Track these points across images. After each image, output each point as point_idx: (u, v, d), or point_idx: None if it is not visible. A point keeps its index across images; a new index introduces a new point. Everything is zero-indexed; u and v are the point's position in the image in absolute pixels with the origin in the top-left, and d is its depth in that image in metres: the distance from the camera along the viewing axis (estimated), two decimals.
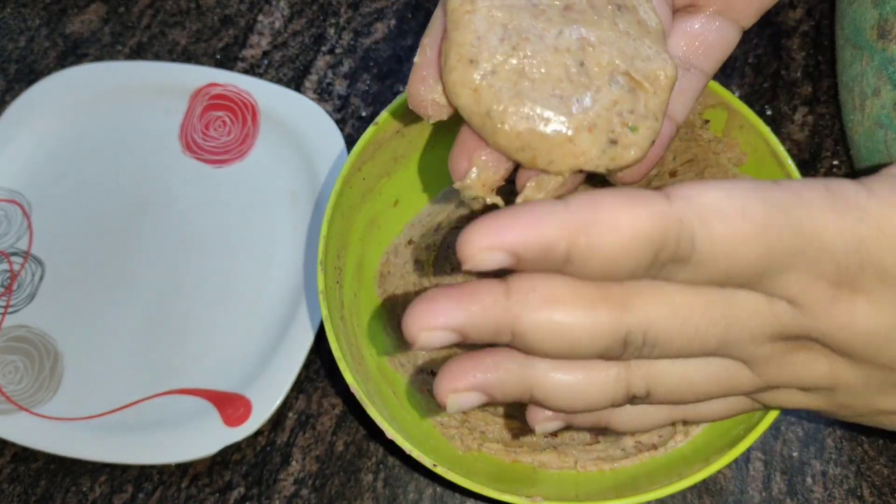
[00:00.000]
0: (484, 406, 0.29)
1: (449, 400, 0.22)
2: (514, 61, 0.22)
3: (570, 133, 0.22)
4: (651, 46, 0.24)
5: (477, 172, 0.24)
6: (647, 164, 0.26)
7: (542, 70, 0.23)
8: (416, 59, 0.24)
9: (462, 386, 0.22)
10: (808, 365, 0.23)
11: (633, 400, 0.23)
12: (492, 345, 0.22)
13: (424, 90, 0.24)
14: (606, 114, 0.23)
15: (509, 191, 0.25)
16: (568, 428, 0.35)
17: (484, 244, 0.19)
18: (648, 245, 0.19)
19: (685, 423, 0.27)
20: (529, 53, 0.23)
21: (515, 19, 0.23)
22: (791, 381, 0.23)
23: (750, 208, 0.19)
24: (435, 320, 0.20)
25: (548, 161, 0.23)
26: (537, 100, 0.22)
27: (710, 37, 0.26)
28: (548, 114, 0.22)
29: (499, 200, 0.26)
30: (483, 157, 0.24)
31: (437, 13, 0.24)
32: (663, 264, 0.20)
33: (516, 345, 0.21)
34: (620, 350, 0.21)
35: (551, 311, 0.20)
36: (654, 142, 0.23)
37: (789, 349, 0.22)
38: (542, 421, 0.24)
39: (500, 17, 0.23)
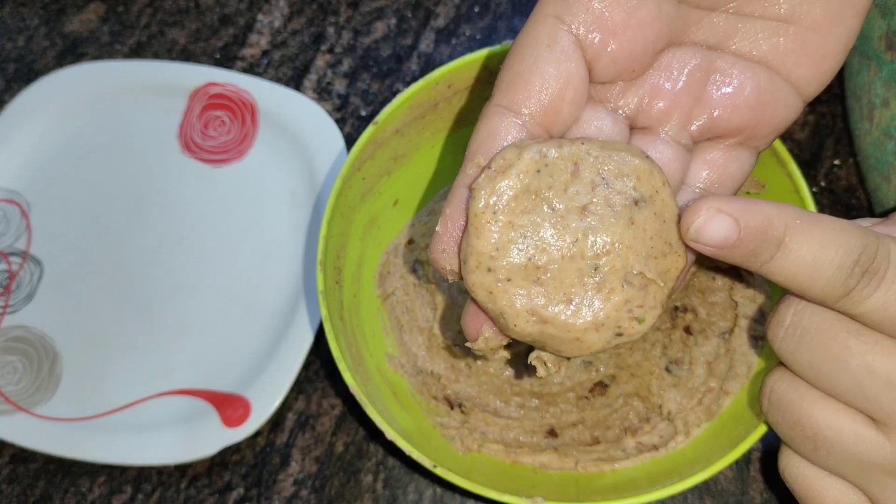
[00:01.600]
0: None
1: (702, 213, 0.24)
2: (530, 271, 0.24)
3: (577, 335, 0.24)
4: (667, 240, 0.25)
5: (485, 341, 0.26)
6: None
7: (557, 277, 0.24)
8: (438, 228, 0.25)
9: (723, 209, 0.24)
10: None
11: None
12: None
13: (444, 260, 0.25)
14: (616, 313, 0.24)
15: None
16: (572, 426, 0.35)
17: (713, 212, 0.23)
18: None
19: None
20: (545, 262, 0.24)
21: (534, 229, 0.24)
22: None
23: None
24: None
25: (555, 350, 0.25)
26: (549, 307, 0.24)
27: (732, 168, 0.27)
28: (559, 320, 0.24)
29: (506, 355, 0.31)
30: (489, 332, 0.26)
31: (461, 182, 0.25)
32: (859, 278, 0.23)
33: (777, 258, 0.24)
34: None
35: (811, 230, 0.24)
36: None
37: None
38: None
39: (520, 228, 0.24)
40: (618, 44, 0.24)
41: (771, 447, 0.38)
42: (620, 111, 0.26)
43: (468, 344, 0.27)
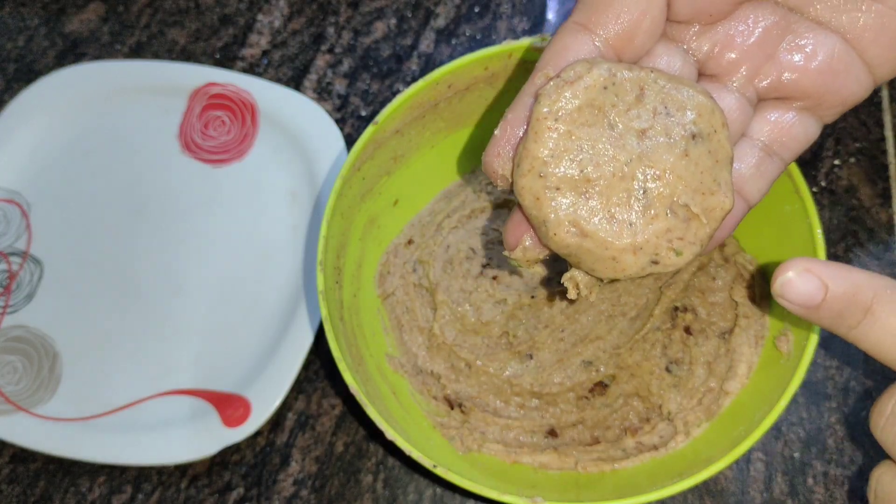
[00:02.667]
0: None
1: (791, 273, 0.25)
2: (579, 183, 0.24)
3: (614, 254, 0.25)
4: (716, 179, 0.25)
5: (524, 250, 0.27)
6: (713, 244, 0.27)
7: (605, 193, 0.24)
8: (496, 132, 0.25)
9: (813, 269, 0.25)
10: None
11: None
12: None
13: (497, 164, 0.25)
14: (656, 240, 0.25)
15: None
16: (572, 426, 0.35)
17: (801, 271, 0.23)
18: None
19: None
20: (595, 177, 0.24)
21: (592, 143, 0.24)
22: None
23: None
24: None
25: (590, 268, 0.25)
26: (591, 220, 0.24)
27: (795, 130, 0.27)
28: (599, 235, 0.24)
29: (540, 270, 0.30)
30: (529, 242, 0.26)
31: (527, 90, 0.25)
32: None
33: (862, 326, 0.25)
34: None
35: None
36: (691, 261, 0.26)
37: None
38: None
39: (577, 140, 0.24)
40: None
41: (772, 448, 0.38)
42: (692, 53, 0.26)
43: (506, 253, 0.27)
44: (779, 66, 0.26)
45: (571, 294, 0.27)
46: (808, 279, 0.24)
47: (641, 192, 0.24)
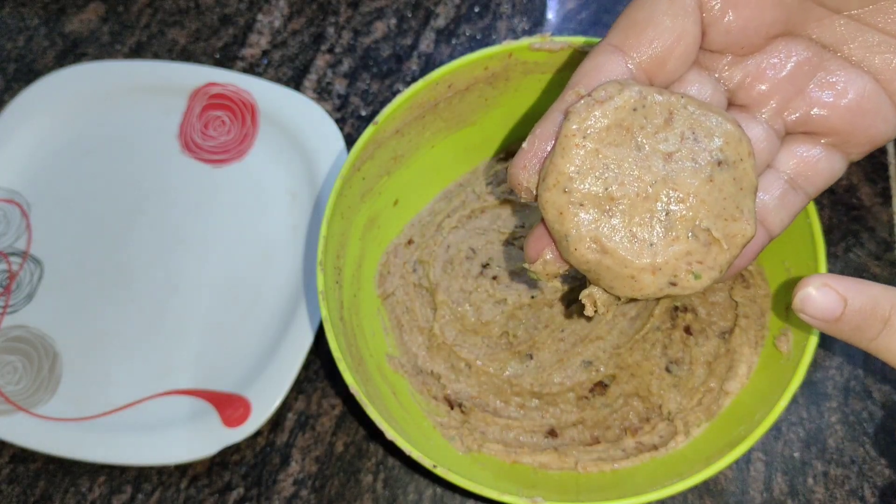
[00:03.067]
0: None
1: (811, 288, 0.25)
2: (603, 201, 0.25)
3: (633, 273, 0.25)
4: (739, 206, 0.25)
5: (544, 264, 0.27)
6: (732, 272, 0.27)
7: (628, 212, 0.25)
8: (524, 145, 0.26)
9: (831, 284, 0.25)
10: None
11: None
12: None
13: (523, 176, 0.26)
14: (675, 262, 0.25)
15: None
16: (572, 426, 0.35)
17: (824, 280, 0.24)
18: None
19: None
20: (619, 195, 0.25)
21: (618, 162, 0.25)
22: None
23: None
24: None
25: (608, 286, 0.26)
26: (613, 238, 0.25)
27: (821, 166, 0.27)
28: (619, 253, 0.25)
29: (557, 285, 0.31)
30: (550, 256, 0.27)
31: (557, 106, 0.25)
32: None
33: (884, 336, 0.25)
34: None
35: None
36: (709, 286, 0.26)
37: None
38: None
39: (604, 158, 0.25)
40: (736, 15, 0.25)
41: (772, 447, 0.38)
42: (723, 82, 0.26)
43: (525, 265, 0.28)
44: (808, 101, 0.26)
45: (589, 311, 0.27)
46: (827, 294, 0.24)
47: (664, 213, 0.25)
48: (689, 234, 0.25)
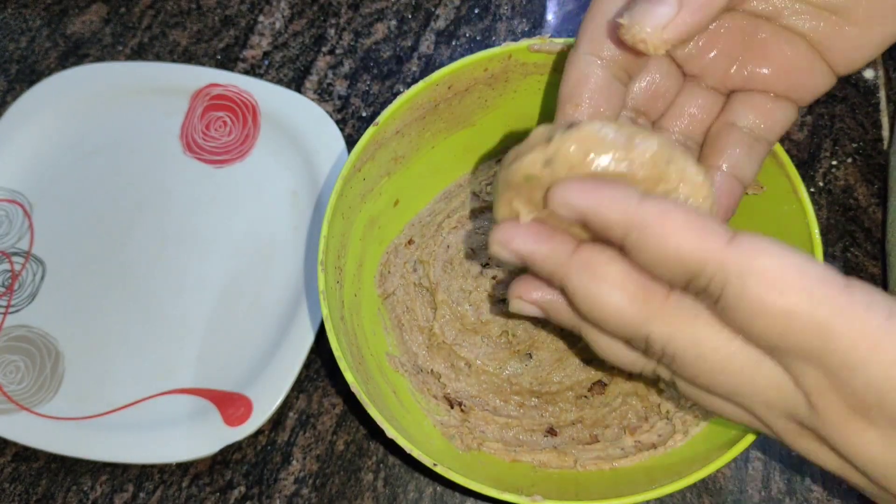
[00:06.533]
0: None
1: (513, 302, 0.27)
2: None
3: None
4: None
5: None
6: (722, 216, 0.29)
7: None
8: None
9: (528, 298, 0.26)
10: (820, 455, 0.23)
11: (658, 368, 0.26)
12: None
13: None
14: None
15: None
16: (571, 425, 0.35)
17: (565, 199, 0.22)
18: (683, 268, 0.21)
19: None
20: None
21: None
22: (803, 454, 0.24)
23: (791, 290, 0.20)
24: (511, 240, 0.24)
25: None
26: None
27: (776, 115, 0.29)
28: None
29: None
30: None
31: (559, 120, 0.28)
32: (697, 292, 0.21)
33: (566, 293, 0.24)
34: (643, 347, 0.24)
35: (595, 282, 0.23)
36: None
37: (802, 434, 0.23)
38: (524, 300, 0.27)
39: None
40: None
41: (770, 446, 0.38)
42: (674, 57, 0.29)
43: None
44: (751, 62, 0.28)
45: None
46: (566, 209, 0.23)
47: None
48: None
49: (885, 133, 0.45)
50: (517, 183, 0.24)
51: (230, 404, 0.38)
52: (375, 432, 0.39)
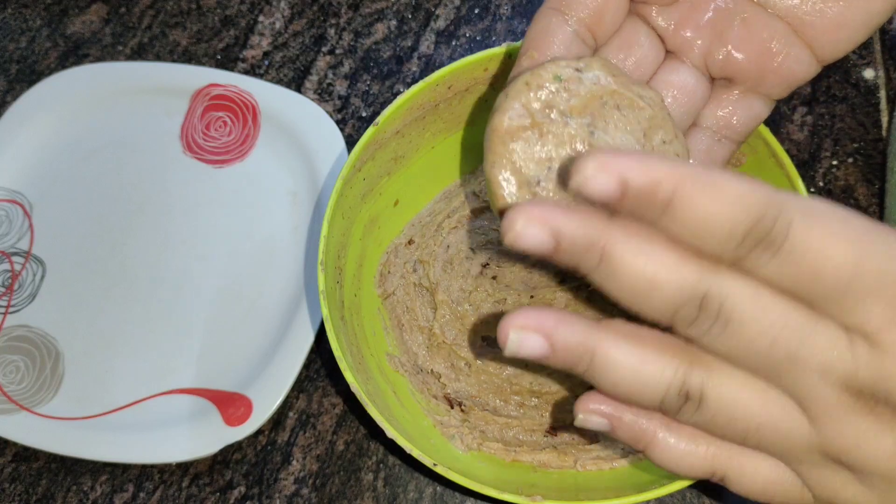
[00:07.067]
0: (537, 364, 0.32)
1: (511, 334, 0.22)
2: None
3: None
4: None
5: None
6: None
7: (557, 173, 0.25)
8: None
9: (530, 325, 0.22)
10: (874, 435, 0.21)
11: (683, 409, 0.22)
12: None
13: None
14: None
15: None
16: (571, 425, 0.35)
17: (598, 166, 0.19)
18: (746, 214, 0.19)
19: (723, 481, 0.25)
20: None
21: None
22: (850, 451, 0.22)
23: (852, 223, 0.20)
24: (539, 213, 0.20)
25: None
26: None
27: (742, 113, 0.29)
28: None
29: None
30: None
31: (513, 74, 0.28)
32: (753, 245, 0.19)
33: (600, 271, 0.21)
34: (694, 313, 0.21)
35: (645, 245, 0.20)
36: None
37: (856, 408, 0.21)
38: (589, 411, 0.24)
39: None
40: None
41: None
42: (654, 30, 0.28)
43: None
44: (727, 43, 0.28)
45: None
46: (603, 179, 0.20)
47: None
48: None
49: (885, 133, 0.45)
50: (501, 136, 0.25)
51: (230, 404, 0.38)
52: (375, 432, 0.39)
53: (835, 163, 0.44)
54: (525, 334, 0.22)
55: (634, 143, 0.26)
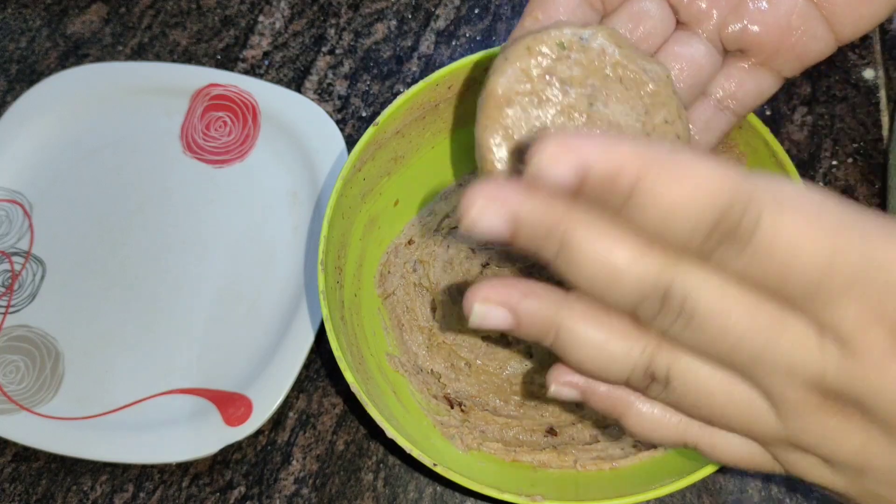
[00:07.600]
0: (538, 363, 0.31)
1: (475, 307, 0.21)
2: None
3: None
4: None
5: None
6: None
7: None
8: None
9: (493, 297, 0.21)
10: (841, 433, 0.20)
11: (650, 387, 0.22)
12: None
13: None
14: None
15: None
16: (571, 425, 0.35)
17: (558, 151, 0.18)
18: (713, 206, 0.18)
19: (697, 448, 0.24)
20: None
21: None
22: (817, 446, 0.21)
23: (827, 212, 0.18)
24: (498, 195, 0.19)
25: None
26: None
27: (748, 86, 0.28)
28: None
29: None
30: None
31: (516, 34, 0.27)
32: (721, 239, 0.18)
33: (560, 259, 0.19)
34: (657, 306, 0.20)
35: (604, 235, 0.19)
36: None
37: (823, 407, 0.20)
38: (561, 383, 0.23)
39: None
40: None
41: None
42: (667, 1, 0.27)
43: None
44: (743, 16, 0.27)
45: None
46: (563, 164, 0.18)
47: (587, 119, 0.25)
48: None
49: (886, 133, 0.45)
50: (496, 100, 0.25)
51: (230, 404, 0.38)
52: (375, 432, 0.39)
53: (835, 163, 0.44)
54: (489, 307, 0.21)
55: (635, 120, 0.25)
